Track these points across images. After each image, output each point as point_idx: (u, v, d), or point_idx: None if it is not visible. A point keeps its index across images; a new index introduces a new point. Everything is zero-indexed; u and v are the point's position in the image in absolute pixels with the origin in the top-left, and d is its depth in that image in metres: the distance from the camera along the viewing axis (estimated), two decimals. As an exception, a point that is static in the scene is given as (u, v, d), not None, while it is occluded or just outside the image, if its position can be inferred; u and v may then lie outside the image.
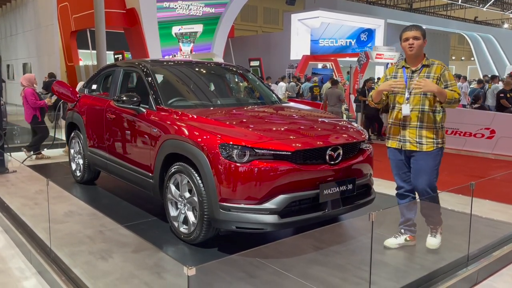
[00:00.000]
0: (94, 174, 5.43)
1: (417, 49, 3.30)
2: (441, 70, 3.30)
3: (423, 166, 3.33)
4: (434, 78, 3.28)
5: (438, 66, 3.32)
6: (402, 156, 3.44)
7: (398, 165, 3.48)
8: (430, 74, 3.30)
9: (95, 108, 5.00)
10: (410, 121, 3.34)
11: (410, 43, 3.30)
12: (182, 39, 18.22)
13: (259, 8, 34.10)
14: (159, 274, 3.10)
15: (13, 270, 3.39)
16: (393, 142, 3.46)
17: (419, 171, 3.35)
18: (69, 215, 4.33)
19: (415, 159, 3.36)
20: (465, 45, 42.58)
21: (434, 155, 3.33)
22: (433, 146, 3.32)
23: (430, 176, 3.34)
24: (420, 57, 3.36)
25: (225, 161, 3.19)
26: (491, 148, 8.54)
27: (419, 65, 3.36)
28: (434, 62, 3.35)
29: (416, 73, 3.35)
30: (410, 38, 3.30)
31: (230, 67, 5.44)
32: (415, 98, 3.32)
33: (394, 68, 3.53)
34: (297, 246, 3.56)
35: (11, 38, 22.11)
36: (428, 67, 3.33)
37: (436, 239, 3.52)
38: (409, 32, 3.32)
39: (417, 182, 3.39)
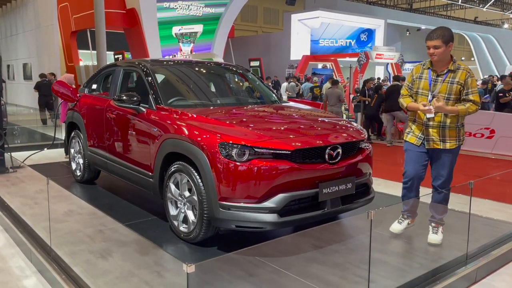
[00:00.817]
0: (94, 174, 5.44)
1: (438, 57, 3.36)
2: (465, 76, 3.37)
3: (446, 162, 3.51)
4: (458, 84, 3.37)
5: (463, 72, 3.38)
6: (422, 148, 3.55)
7: (417, 156, 3.57)
8: (454, 80, 3.38)
9: (95, 107, 5.01)
10: (433, 121, 3.45)
11: (431, 52, 3.36)
12: (182, 39, 18.24)
13: (259, 8, 34.11)
14: (159, 272, 3.11)
15: (13, 269, 3.40)
16: (412, 138, 3.59)
17: (441, 166, 3.53)
18: (69, 214, 4.34)
19: (438, 156, 3.51)
20: (465, 45, 42.57)
21: (455, 152, 3.52)
22: (455, 144, 3.48)
23: (450, 170, 3.54)
24: (445, 61, 3.40)
25: (224, 160, 3.20)
26: (491, 148, 8.55)
27: (444, 70, 3.42)
28: (460, 66, 3.40)
29: (440, 77, 3.42)
30: (431, 47, 3.35)
31: (229, 66, 5.45)
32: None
33: (420, 68, 3.57)
34: (296, 245, 3.57)
35: (11, 38, 22.13)
36: (453, 73, 3.39)
37: (438, 235, 3.61)
38: (430, 41, 3.36)
39: (437, 174, 3.57)
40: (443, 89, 3.41)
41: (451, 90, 3.39)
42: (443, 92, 3.40)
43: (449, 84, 3.39)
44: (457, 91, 3.38)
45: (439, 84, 3.41)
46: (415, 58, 29.32)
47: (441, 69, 3.43)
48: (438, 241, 3.59)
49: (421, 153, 3.56)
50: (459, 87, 3.37)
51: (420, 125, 3.54)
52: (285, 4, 24.71)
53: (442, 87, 3.41)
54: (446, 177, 3.56)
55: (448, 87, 3.40)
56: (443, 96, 3.39)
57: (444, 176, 3.55)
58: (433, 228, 3.66)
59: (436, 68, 3.45)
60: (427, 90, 3.47)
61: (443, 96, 3.39)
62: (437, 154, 3.52)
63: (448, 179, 3.58)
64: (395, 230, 3.78)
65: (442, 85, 3.41)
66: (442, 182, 3.57)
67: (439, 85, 3.41)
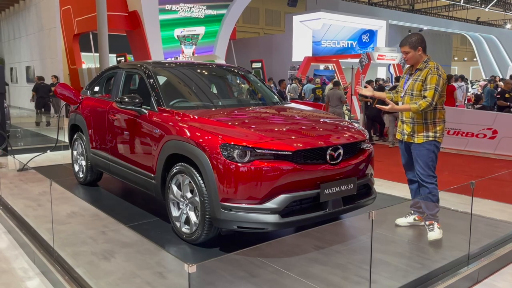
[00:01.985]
0: (97, 176, 5.47)
1: (410, 60, 3.75)
2: (426, 74, 3.66)
3: (417, 157, 3.76)
4: (420, 81, 3.68)
5: (426, 70, 3.67)
6: (403, 146, 3.92)
7: (404, 154, 3.96)
8: (418, 77, 3.70)
9: (98, 110, 5.03)
10: (405, 117, 3.82)
11: (404, 57, 3.82)
12: (184, 41, 18.28)
13: (261, 10, 34.15)
14: (161, 273, 3.13)
15: (17, 270, 3.42)
16: (398, 135, 3.97)
17: (415, 160, 3.78)
18: (72, 216, 4.36)
19: (412, 149, 3.81)
20: (468, 46, 42.51)
21: (425, 147, 3.71)
22: (422, 139, 3.71)
23: (423, 165, 3.72)
24: (417, 62, 3.75)
25: (226, 161, 3.21)
26: (493, 148, 8.53)
27: (415, 69, 3.77)
28: (427, 65, 3.70)
29: (412, 76, 3.79)
30: (403, 53, 3.77)
31: (231, 68, 5.47)
32: (407, 97, 3.78)
33: (407, 69, 3.96)
34: (298, 245, 3.58)
35: (14, 41, 22.23)
36: (420, 71, 3.71)
37: (434, 232, 3.70)
38: (401, 47, 3.78)
39: (416, 170, 3.81)
40: (409, 86, 3.76)
41: (413, 86, 3.71)
42: (409, 89, 3.75)
43: (414, 81, 3.73)
44: (418, 88, 3.68)
45: (408, 82, 3.79)
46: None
47: (414, 69, 3.79)
48: (437, 237, 3.67)
49: (403, 150, 3.94)
50: (421, 84, 3.67)
51: (401, 121, 3.90)
52: (287, 5, 24.72)
53: (409, 84, 3.77)
54: (420, 172, 3.74)
55: (413, 84, 3.73)
56: (409, 92, 3.75)
57: (418, 170, 3.75)
58: (428, 227, 3.75)
59: (411, 68, 3.85)
60: (402, 88, 3.88)
61: (409, 92, 3.75)
62: (412, 149, 3.80)
63: (422, 174, 3.73)
64: (401, 223, 4.01)
65: (410, 83, 3.77)
66: (419, 176, 3.76)
67: (408, 82, 3.79)
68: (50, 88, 13.12)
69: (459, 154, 8.64)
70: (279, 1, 31.61)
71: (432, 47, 35.59)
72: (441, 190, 3.67)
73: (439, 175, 3.69)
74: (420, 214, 3.95)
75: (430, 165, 3.72)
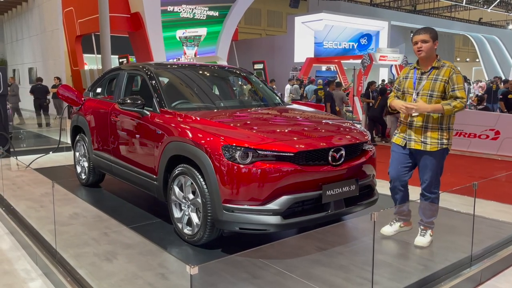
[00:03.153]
0: (99, 177, 5.48)
1: (426, 52, 3.36)
2: (449, 73, 3.34)
3: (428, 166, 3.46)
4: (442, 81, 3.34)
5: (447, 69, 3.36)
6: (406, 150, 3.55)
7: (400, 158, 3.57)
8: (438, 77, 3.36)
9: (100, 111, 5.04)
10: (416, 121, 3.44)
11: (418, 47, 3.37)
12: (186, 42, 18.31)
13: (263, 11, 34.19)
14: (163, 275, 3.13)
15: (19, 271, 3.43)
16: (398, 139, 3.60)
17: (424, 170, 3.49)
18: (74, 217, 4.37)
19: (421, 158, 3.49)
20: (470, 47, 42.46)
21: (438, 155, 3.44)
22: (437, 146, 3.42)
23: (434, 175, 3.47)
24: (431, 59, 3.41)
25: (228, 163, 3.21)
26: (496, 149, 8.51)
27: (429, 67, 3.42)
28: (445, 64, 3.40)
29: (425, 75, 3.42)
30: (419, 41, 3.36)
31: (233, 69, 5.47)
32: (422, 99, 3.40)
33: (407, 69, 3.62)
34: (300, 247, 3.58)
35: (17, 43, 22.31)
36: (437, 69, 3.39)
37: (424, 238, 3.58)
38: (418, 35, 3.38)
39: (422, 179, 3.54)
40: (426, 86, 3.40)
41: (434, 87, 3.37)
42: (427, 89, 3.39)
43: (432, 81, 3.38)
44: (440, 88, 3.35)
45: (423, 82, 3.42)
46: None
47: (426, 67, 3.44)
48: (424, 244, 3.55)
49: (404, 155, 3.55)
50: (443, 84, 3.34)
51: (405, 125, 3.54)
52: (289, 6, 24.75)
53: (426, 84, 3.40)
54: (429, 182, 3.49)
55: (432, 84, 3.38)
56: (426, 93, 3.39)
57: (427, 180, 3.50)
58: (421, 231, 3.62)
59: (421, 66, 3.47)
60: (412, 89, 3.48)
61: (426, 93, 3.39)
62: (420, 156, 3.49)
63: (432, 183, 3.50)
64: (387, 232, 3.76)
65: (426, 82, 3.40)
66: (426, 186, 3.53)
67: (423, 82, 3.42)
68: (47, 89, 13.22)
69: (461, 155, 8.62)
70: (281, 2, 31.66)
71: (434, 47, 35.53)
72: (443, 191, 3.65)
73: (441, 176, 3.67)
74: (405, 220, 3.77)
75: (440, 174, 3.52)
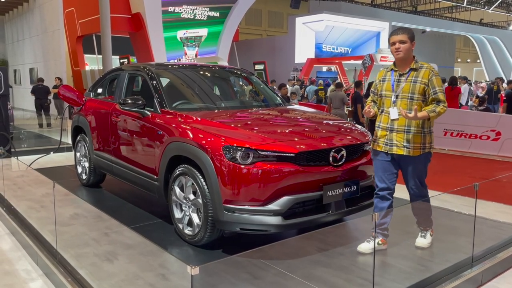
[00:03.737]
0: (100, 177, 5.48)
1: (404, 53, 3.26)
2: (429, 75, 3.25)
3: (412, 171, 3.34)
4: (421, 83, 3.24)
5: (426, 71, 3.26)
6: (388, 157, 3.37)
7: (384, 166, 3.39)
8: (417, 79, 3.26)
9: (101, 111, 5.04)
10: (397, 125, 3.30)
11: (396, 47, 3.27)
12: (187, 43, 18.33)
13: (264, 12, 34.19)
14: (164, 275, 3.13)
15: (20, 272, 3.43)
16: (379, 145, 3.40)
17: (409, 176, 3.36)
18: (75, 218, 4.37)
19: (405, 163, 3.34)
20: (471, 47, 42.44)
21: (421, 159, 3.33)
22: (419, 151, 3.29)
23: (419, 180, 3.38)
24: (408, 60, 3.31)
25: (229, 163, 3.21)
26: (497, 150, 8.50)
27: (407, 69, 3.31)
28: (423, 65, 3.31)
29: (403, 77, 3.31)
30: (397, 42, 3.26)
31: (234, 70, 5.48)
32: (402, 102, 3.28)
33: (384, 71, 3.49)
34: (301, 248, 3.57)
35: (18, 43, 22.33)
36: (416, 71, 3.28)
37: (425, 239, 3.55)
38: (396, 36, 3.28)
39: (408, 185, 3.42)
40: (406, 88, 3.27)
41: (414, 89, 3.25)
42: (406, 92, 3.26)
43: (412, 83, 3.26)
44: (420, 91, 3.24)
45: (401, 84, 3.29)
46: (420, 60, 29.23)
47: (404, 68, 3.32)
48: (425, 245, 3.53)
49: (388, 162, 3.37)
50: (423, 86, 3.23)
51: (385, 130, 3.37)
52: (290, 7, 24.76)
53: (405, 87, 3.27)
54: (416, 187, 3.38)
55: (411, 86, 3.26)
56: (406, 96, 3.26)
57: (413, 186, 3.38)
58: (421, 232, 3.58)
59: (399, 68, 3.35)
60: (390, 92, 3.33)
61: (406, 95, 3.27)
62: (404, 162, 3.33)
63: (419, 188, 3.38)
64: (364, 250, 3.43)
65: (405, 85, 3.27)
66: (414, 192, 3.41)
67: (401, 84, 3.29)
68: (48, 89, 13.25)
69: (462, 156, 8.61)
70: (281, 3, 31.67)
71: (435, 48, 35.59)
72: (444, 192, 3.65)
73: (442, 177, 3.67)
74: (384, 237, 3.47)
75: (424, 178, 3.41)
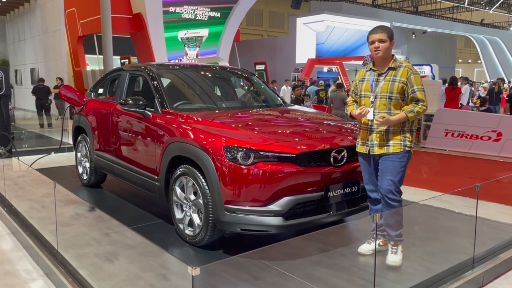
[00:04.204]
0: (101, 177, 5.48)
1: (383, 52, 3.18)
2: (407, 74, 3.15)
3: (389, 166, 3.19)
4: (400, 82, 3.15)
5: (404, 70, 3.17)
6: (371, 160, 3.30)
7: (368, 170, 3.34)
8: (396, 78, 3.16)
9: (102, 112, 5.05)
10: (377, 125, 3.21)
11: (375, 46, 3.18)
12: (188, 43, 18.32)
13: (265, 12, 34.18)
14: (164, 275, 3.12)
15: (21, 272, 3.43)
16: (361, 147, 3.33)
17: (385, 171, 3.21)
18: (76, 218, 4.37)
19: (382, 160, 3.23)
20: (472, 48, 42.40)
21: (400, 157, 3.19)
22: (399, 148, 3.18)
23: (395, 177, 3.19)
24: (387, 59, 3.23)
25: (229, 164, 3.21)
26: (498, 151, 8.48)
27: (385, 68, 3.23)
28: (402, 64, 3.23)
29: (382, 76, 3.23)
30: (376, 41, 3.18)
31: (234, 70, 5.48)
32: (381, 102, 3.20)
33: (363, 71, 3.41)
34: (301, 248, 3.57)
35: (19, 43, 22.36)
36: (394, 70, 3.19)
37: (397, 255, 3.27)
38: (375, 34, 3.20)
39: (381, 182, 3.24)
40: (384, 88, 3.18)
41: (392, 88, 3.15)
42: (385, 91, 3.17)
43: (390, 82, 3.17)
44: (399, 90, 3.14)
45: (380, 83, 3.21)
46: (421, 61, 29.24)
47: (383, 68, 3.23)
48: (397, 263, 3.24)
49: (370, 164, 3.32)
50: (401, 86, 3.14)
51: (365, 131, 3.29)
52: (291, 7, 24.74)
53: (383, 86, 3.19)
54: (389, 187, 3.18)
55: (390, 86, 3.16)
56: (385, 96, 3.18)
57: (387, 186, 3.18)
58: (392, 248, 3.30)
59: (377, 67, 3.27)
60: (369, 92, 3.26)
61: (384, 95, 3.18)
62: (382, 159, 3.22)
63: (392, 189, 3.18)
64: (365, 251, 3.42)
65: (383, 84, 3.19)
66: (386, 190, 3.20)
67: (380, 84, 3.20)
68: (49, 89, 13.28)
69: (463, 157, 8.60)
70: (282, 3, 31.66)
71: (436, 49, 35.59)
72: (445, 193, 3.64)
73: (443, 178, 3.66)
74: (384, 238, 3.40)
75: (402, 178, 3.23)
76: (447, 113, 9.38)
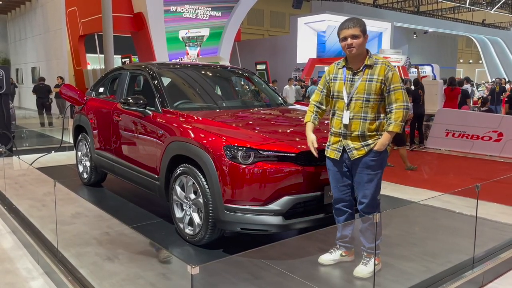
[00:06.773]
0: (101, 176, 5.48)
1: (357, 49, 2.87)
2: (385, 71, 2.87)
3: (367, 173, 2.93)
4: (378, 81, 2.87)
5: (382, 67, 2.88)
6: (340, 167, 3.04)
7: (336, 176, 3.06)
8: (373, 77, 2.88)
9: (102, 110, 5.05)
10: (351, 130, 2.93)
11: (348, 44, 2.87)
12: (189, 43, 18.32)
13: (266, 12, 34.17)
14: (164, 275, 3.13)
15: (21, 270, 3.43)
16: (332, 152, 3.05)
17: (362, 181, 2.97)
18: (76, 217, 4.37)
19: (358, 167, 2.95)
20: (473, 48, 42.36)
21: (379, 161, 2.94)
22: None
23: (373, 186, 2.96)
24: (362, 56, 2.92)
25: (230, 163, 3.21)
26: (499, 151, 8.48)
27: (361, 66, 2.93)
28: (378, 60, 2.92)
29: (358, 75, 2.92)
30: (348, 37, 2.87)
31: (235, 69, 5.48)
32: (356, 104, 2.91)
33: (334, 68, 3.08)
34: (301, 248, 3.57)
35: (20, 42, 22.38)
36: (371, 68, 2.90)
37: (366, 267, 3.03)
38: (346, 30, 2.88)
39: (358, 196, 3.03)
40: (361, 88, 2.89)
41: (370, 89, 2.87)
42: (361, 93, 2.88)
43: (367, 82, 2.88)
44: (377, 90, 2.86)
45: (356, 83, 2.91)
46: (422, 61, 29.23)
47: (358, 66, 2.92)
48: (364, 274, 3.01)
49: (340, 172, 3.03)
50: (379, 85, 2.85)
51: (337, 135, 3.01)
52: (292, 7, 24.74)
53: (360, 86, 2.89)
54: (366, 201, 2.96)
55: (367, 86, 2.87)
56: (361, 97, 2.88)
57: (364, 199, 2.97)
58: (364, 258, 3.10)
59: (351, 65, 2.95)
60: (343, 92, 2.96)
61: (361, 97, 2.88)
62: (356, 165, 2.95)
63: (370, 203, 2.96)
64: (325, 261, 3.23)
65: (360, 84, 2.89)
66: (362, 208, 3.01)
67: (356, 84, 2.91)
68: (50, 88, 13.31)
69: (464, 157, 8.59)
70: (284, 3, 31.64)
71: (437, 49, 35.57)
72: (446, 193, 3.64)
73: (444, 178, 3.66)
74: (347, 249, 3.24)
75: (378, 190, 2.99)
76: (448, 113, 9.37)
